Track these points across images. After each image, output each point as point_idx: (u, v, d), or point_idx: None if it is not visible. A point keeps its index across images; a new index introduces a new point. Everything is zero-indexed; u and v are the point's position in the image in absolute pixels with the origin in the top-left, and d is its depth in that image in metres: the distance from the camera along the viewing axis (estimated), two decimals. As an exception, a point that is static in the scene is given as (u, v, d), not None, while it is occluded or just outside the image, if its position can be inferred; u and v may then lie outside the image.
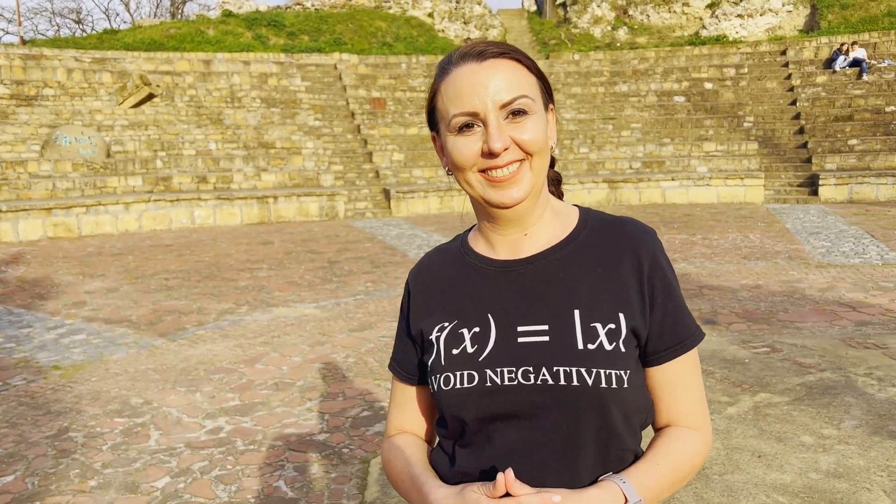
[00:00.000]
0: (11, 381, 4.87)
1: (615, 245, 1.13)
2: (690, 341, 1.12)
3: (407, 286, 1.26)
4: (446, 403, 1.10)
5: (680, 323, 1.11)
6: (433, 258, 1.25)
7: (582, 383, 1.03)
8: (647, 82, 19.98)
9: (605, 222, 1.17)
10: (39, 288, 7.96)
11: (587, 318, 1.06)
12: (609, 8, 25.64)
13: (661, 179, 15.82)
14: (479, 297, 1.13)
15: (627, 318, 1.07)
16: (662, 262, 1.13)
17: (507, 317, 1.10)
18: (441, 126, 1.11)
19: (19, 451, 3.73)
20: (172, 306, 6.95)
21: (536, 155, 1.06)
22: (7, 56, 17.82)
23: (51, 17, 45.94)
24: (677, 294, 1.13)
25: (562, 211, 1.19)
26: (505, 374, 1.05)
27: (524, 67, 1.09)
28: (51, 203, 12.41)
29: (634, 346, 1.08)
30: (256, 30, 23.53)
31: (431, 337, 1.15)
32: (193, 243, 11.26)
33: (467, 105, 1.04)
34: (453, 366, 1.09)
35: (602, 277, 1.10)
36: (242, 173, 15.37)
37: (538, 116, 1.07)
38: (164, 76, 18.35)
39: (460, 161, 1.07)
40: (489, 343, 1.08)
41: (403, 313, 1.25)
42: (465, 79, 1.05)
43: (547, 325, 1.07)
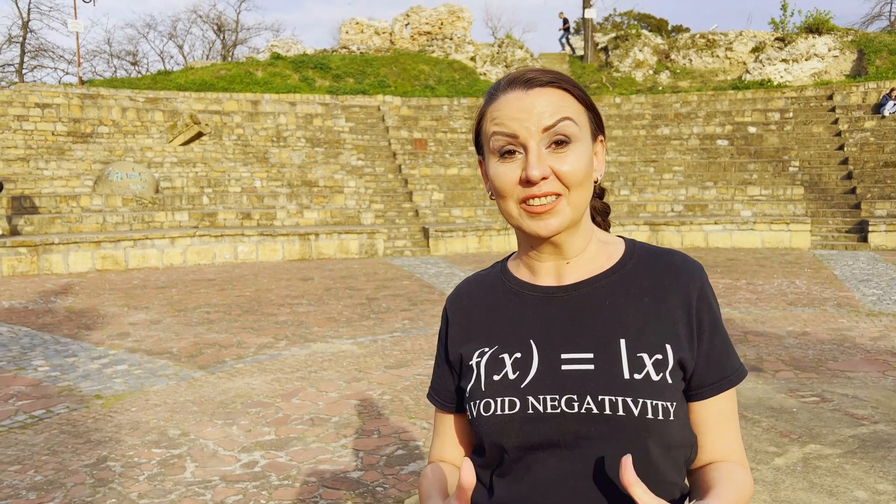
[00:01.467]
0: (55, 408, 4.95)
1: (663, 276, 1.11)
2: (735, 377, 1.10)
3: (445, 313, 1.24)
4: (486, 430, 1.08)
5: (725, 357, 1.10)
6: (472, 284, 1.24)
7: (627, 413, 1.00)
8: (689, 125, 19.88)
9: (652, 253, 1.15)
10: (86, 318, 8.14)
11: (634, 348, 1.04)
12: (651, 52, 25.73)
13: (703, 223, 15.62)
14: (520, 322, 1.11)
15: (675, 350, 1.05)
16: (710, 297, 1.11)
17: (551, 344, 1.07)
18: (485, 149, 1.10)
19: (59, 478, 3.77)
20: (213, 339, 7.03)
21: (575, 189, 1.04)
22: (66, 95, 18.60)
23: (108, 59, 47.95)
24: (723, 329, 1.11)
25: (608, 241, 1.17)
26: (548, 402, 1.03)
27: (572, 97, 1.07)
28: (100, 236, 12.77)
29: (681, 378, 1.06)
30: (303, 72, 24.18)
31: (472, 362, 1.13)
32: (235, 278, 11.43)
33: (508, 127, 1.03)
34: (494, 392, 1.07)
35: (649, 307, 1.08)
36: (285, 210, 15.64)
37: (582, 145, 1.05)
38: (214, 115, 18.92)
39: (501, 188, 1.06)
40: (531, 370, 1.06)
41: (441, 341, 1.23)
42: (510, 104, 1.05)
43: (592, 353, 1.05)
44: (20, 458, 4.06)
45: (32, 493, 3.59)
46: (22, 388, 5.42)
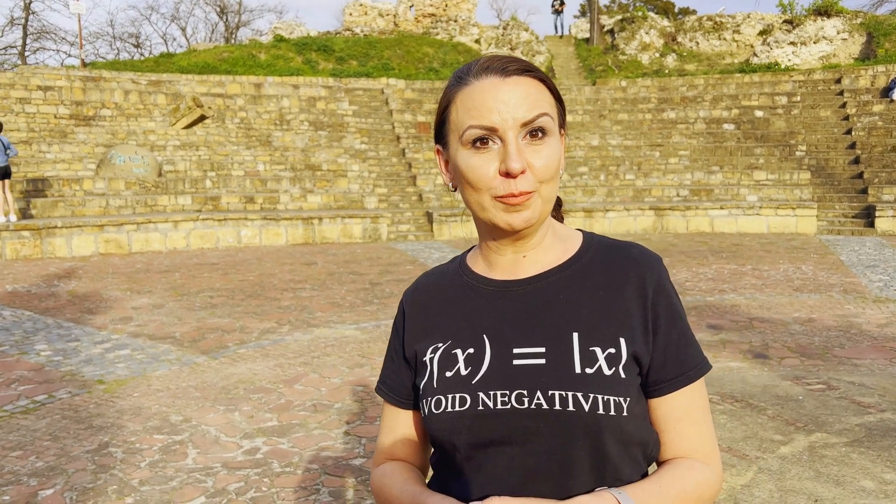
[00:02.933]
0: (56, 393, 4.94)
1: (619, 269, 1.09)
2: (695, 372, 1.06)
3: (401, 306, 1.21)
4: (438, 428, 1.05)
5: (684, 352, 1.06)
6: (430, 278, 1.21)
7: (578, 408, 0.98)
8: (695, 109, 19.72)
9: (609, 247, 1.13)
10: (89, 302, 8.13)
11: (586, 342, 1.02)
12: (657, 35, 25.48)
13: (709, 208, 15.52)
14: (475, 317, 1.09)
15: (629, 344, 1.02)
16: (668, 289, 1.08)
17: (503, 338, 1.05)
18: (451, 138, 1.06)
19: (60, 464, 3.76)
20: (216, 324, 7.01)
21: (546, 183, 1.01)
22: (69, 78, 18.51)
23: (111, 42, 47.77)
24: (683, 322, 1.08)
25: (564, 235, 1.15)
26: (498, 398, 1.01)
27: (546, 88, 1.05)
28: (103, 220, 12.75)
29: (636, 373, 1.03)
30: (307, 54, 24.02)
31: (425, 359, 1.11)
32: (239, 262, 11.41)
33: (486, 119, 0.99)
34: (446, 388, 1.05)
35: (604, 301, 1.06)
36: (289, 194, 15.58)
37: (555, 139, 1.03)
38: (216, 98, 18.81)
39: (475, 181, 1.01)
40: (483, 365, 1.04)
41: (398, 334, 1.20)
42: (486, 93, 1.00)
43: (544, 347, 1.02)
44: (22, 443, 4.05)
45: (34, 479, 3.57)
46: (24, 373, 5.41)
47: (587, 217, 15.42)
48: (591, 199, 16.77)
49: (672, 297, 1.08)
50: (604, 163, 18.11)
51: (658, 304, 1.06)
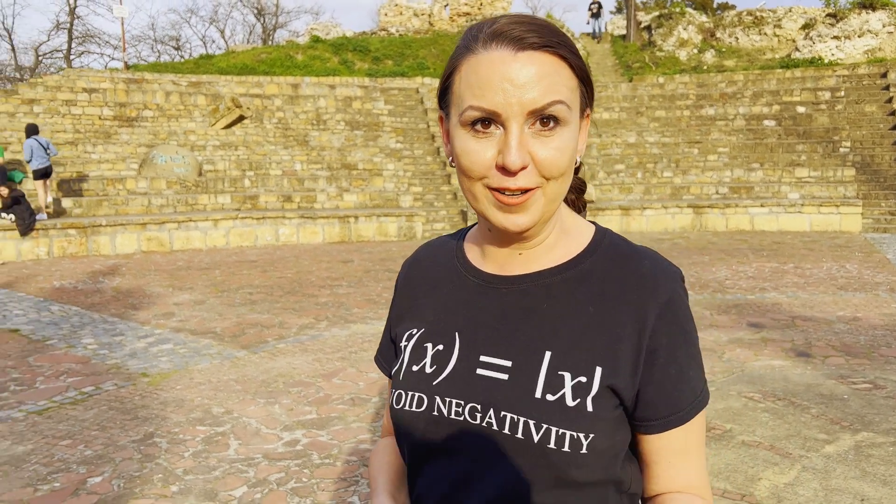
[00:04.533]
0: (103, 385, 5.07)
1: (621, 283, 0.93)
2: (687, 413, 0.92)
3: (398, 277, 1.14)
4: (395, 424, 0.98)
5: (679, 389, 0.91)
6: (429, 251, 1.12)
7: (526, 437, 0.86)
8: (735, 106, 19.38)
9: (619, 252, 0.96)
10: (132, 298, 8.32)
11: (557, 364, 0.89)
12: (696, 31, 25.11)
13: (749, 205, 15.25)
14: (453, 310, 1.00)
15: (605, 374, 0.88)
16: (678, 314, 0.91)
17: (474, 341, 0.95)
18: (451, 111, 0.92)
19: (108, 453, 3.86)
20: (255, 320, 7.12)
21: (554, 180, 0.87)
22: (112, 80, 18.95)
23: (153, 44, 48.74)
24: (685, 355, 0.92)
25: (572, 230, 0.99)
26: (453, 406, 0.92)
27: (568, 67, 0.88)
28: (146, 218, 13.03)
29: (613, 406, 0.89)
30: (343, 55, 24.21)
31: (401, 344, 1.04)
32: (277, 260, 11.56)
33: (488, 101, 0.84)
34: (408, 384, 0.97)
35: (592, 319, 0.91)
36: (325, 193, 15.73)
37: (570, 130, 0.87)
38: (255, 99, 19.08)
39: (469, 168, 0.88)
40: (448, 367, 0.95)
41: (391, 306, 1.14)
42: (492, 68, 0.85)
43: (511, 360, 0.91)
44: (71, 432, 4.16)
45: (83, 467, 3.68)
46: (72, 366, 5.57)
47: (624, 215, 15.27)
48: (627, 196, 16.61)
49: (679, 327, 0.91)
50: (641, 160, 17.92)
51: (659, 334, 0.90)
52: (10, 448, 3.95)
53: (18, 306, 7.90)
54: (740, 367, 5.24)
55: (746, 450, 3.74)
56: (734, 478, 3.41)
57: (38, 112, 16.65)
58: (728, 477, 3.42)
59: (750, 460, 3.61)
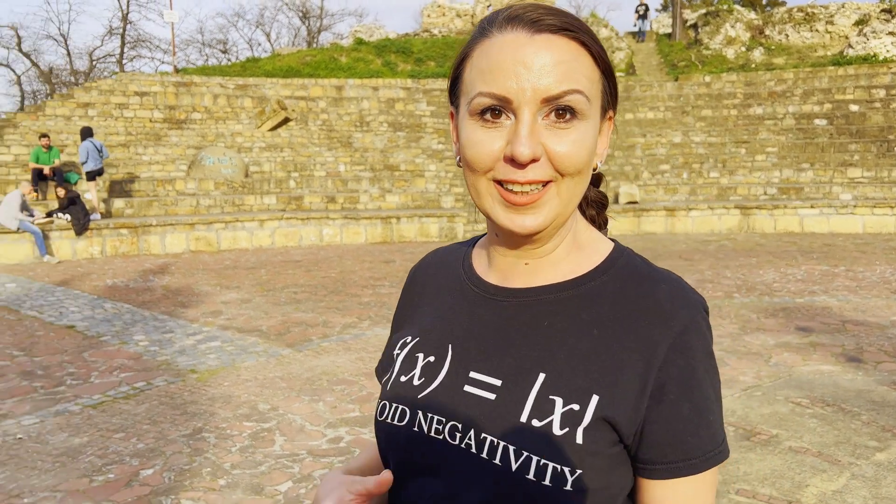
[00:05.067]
0: (154, 381, 5.22)
1: (633, 307, 0.83)
2: (701, 462, 0.80)
3: (406, 281, 1.08)
4: (377, 436, 0.93)
5: (694, 434, 0.80)
6: (437, 257, 1.07)
7: (504, 464, 0.78)
8: (784, 104, 18.94)
9: (635, 273, 0.87)
10: (181, 297, 8.54)
11: (549, 388, 0.80)
12: (744, 28, 24.61)
13: (798, 207, 14.89)
14: (449, 320, 0.93)
15: (602, 404, 0.79)
16: (693, 348, 0.81)
17: (466, 355, 0.88)
18: (461, 102, 0.85)
19: (159, 446, 3.98)
20: (300, 318, 7.25)
21: (570, 177, 0.79)
22: (163, 83, 19.45)
23: (201, 48, 49.82)
24: (702, 395, 0.81)
25: (587, 245, 0.91)
26: (433, 424, 0.85)
27: (589, 55, 0.80)
28: (194, 219, 13.34)
29: (610, 442, 0.79)
30: (386, 56, 24.41)
31: (394, 353, 0.98)
32: (321, 260, 11.73)
33: (499, 86, 0.77)
34: (394, 395, 0.91)
35: (595, 343, 0.82)
36: (368, 194, 15.89)
37: (589, 125, 0.80)
38: (300, 101, 19.37)
39: (473, 159, 0.80)
40: (436, 380, 0.88)
41: (395, 312, 1.08)
42: (505, 51, 0.78)
43: (501, 380, 0.83)
44: (124, 426, 4.31)
45: (136, 460, 3.81)
46: (125, 361, 5.75)
47: (669, 216, 15.07)
48: (673, 197, 16.38)
49: (695, 359, 0.81)
50: (686, 160, 17.65)
51: (670, 367, 0.80)
52: (68, 440, 4.10)
53: (74, 303, 8.18)
54: (788, 372, 5.14)
55: (794, 456, 3.67)
56: (780, 484, 3.36)
57: (93, 115, 17.19)
58: (774, 483, 3.37)
59: (797, 466, 3.54)
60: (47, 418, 4.46)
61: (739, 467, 3.55)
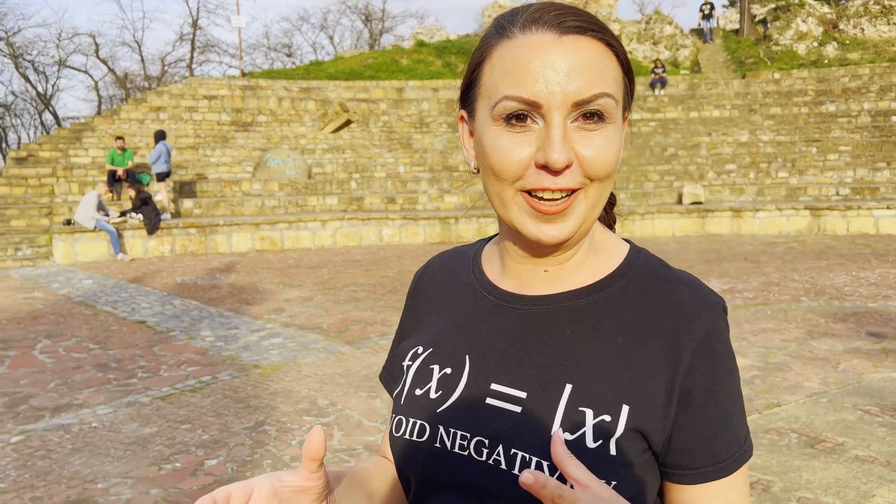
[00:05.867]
0: (219, 375, 5.41)
1: (654, 312, 0.82)
2: (729, 464, 0.80)
3: (409, 288, 1.04)
4: (394, 453, 0.89)
5: (721, 437, 0.80)
6: (442, 261, 1.03)
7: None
8: (859, 101, 18.21)
9: (653, 276, 0.86)
10: (246, 294, 8.80)
11: (578, 399, 0.79)
12: (816, 23, 23.75)
13: (873, 207, 14.29)
14: (464, 329, 0.90)
15: (633, 414, 0.78)
16: (717, 351, 0.81)
17: (485, 366, 0.85)
18: (479, 106, 0.82)
19: (222, 438, 4.13)
20: (359, 317, 7.38)
21: (598, 182, 0.78)
22: (230, 87, 20.04)
23: (266, 52, 51.13)
24: (727, 398, 0.81)
25: (604, 248, 0.89)
26: (457, 440, 0.82)
27: (615, 57, 0.79)
28: (259, 219, 13.72)
29: (641, 450, 0.79)
30: (446, 58, 24.54)
31: (403, 364, 0.94)
32: (380, 259, 11.89)
33: (528, 90, 0.74)
34: (410, 409, 0.88)
35: (620, 350, 0.81)
36: (427, 195, 16.02)
37: (615, 128, 0.78)
38: (361, 103, 19.67)
39: (501, 167, 0.77)
40: (454, 393, 0.85)
41: (401, 318, 1.05)
42: (532, 53, 0.75)
43: (526, 392, 0.81)
44: (190, 417, 4.48)
45: (201, 450, 3.96)
46: (192, 356, 5.97)
47: (735, 217, 14.68)
48: (739, 198, 15.95)
49: (720, 364, 0.81)
50: (754, 160, 17.15)
51: (696, 373, 0.79)
52: (138, 430, 4.30)
53: (145, 300, 8.53)
54: (856, 379, 4.96)
55: (860, 465, 3.55)
56: (845, 493, 3.26)
57: (164, 118, 17.86)
58: (838, 492, 3.27)
59: (863, 476, 3.43)
60: (120, 408, 4.68)
61: (802, 475, 3.46)
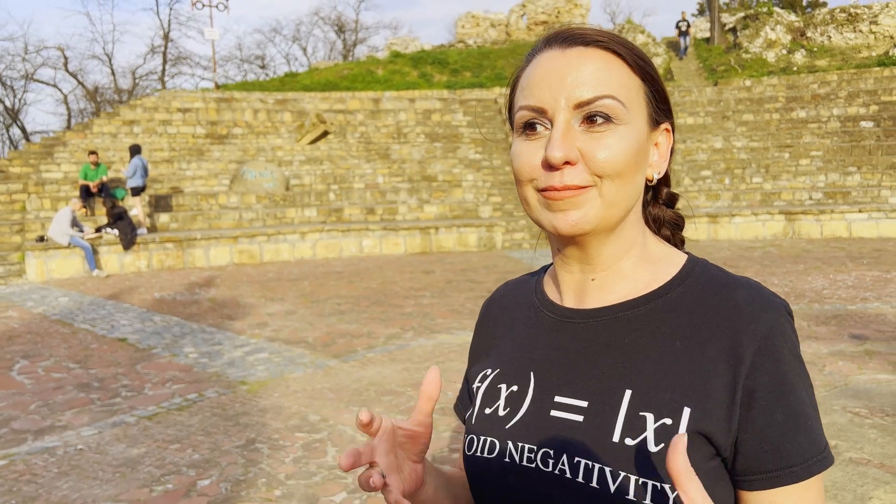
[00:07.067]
0: (206, 393, 5.32)
1: (713, 314, 0.82)
2: (803, 469, 0.77)
3: (479, 316, 1.09)
4: (468, 471, 0.92)
5: (790, 440, 0.77)
6: (509, 289, 1.07)
7: (602, 487, 0.78)
8: (828, 107, 18.56)
9: (712, 282, 0.86)
10: (227, 309, 8.68)
11: (638, 404, 0.80)
12: (784, 31, 24.21)
13: (846, 211, 14.54)
14: (529, 348, 0.93)
15: (695, 417, 0.77)
16: (781, 351, 0.79)
17: (549, 380, 0.88)
18: (513, 124, 0.89)
19: (214, 457, 4.05)
20: (344, 330, 7.31)
21: (611, 179, 0.80)
22: (204, 100, 19.87)
23: (239, 64, 50.80)
24: (796, 399, 0.78)
25: (659, 258, 0.90)
26: (525, 452, 0.85)
27: (624, 63, 0.83)
28: (237, 232, 13.57)
29: (707, 456, 0.78)
30: (422, 68, 24.58)
31: (474, 386, 0.97)
32: (362, 271, 11.82)
33: (535, 98, 0.82)
34: (481, 428, 0.91)
35: (679, 355, 0.81)
36: (406, 205, 15.99)
37: (628, 130, 0.81)
38: (338, 114, 19.61)
39: (517, 170, 0.85)
40: (521, 409, 0.88)
41: (471, 347, 1.09)
42: (540, 68, 0.83)
43: (587, 401, 0.83)
44: (179, 437, 4.39)
45: (192, 470, 3.88)
46: (176, 373, 5.86)
47: (711, 223, 14.85)
48: (715, 203, 16.14)
49: (784, 363, 0.79)
50: (728, 166, 17.39)
51: (758, 373, 0.78)
52: (126, 451, 4.20)
53: (124, 317, 8.38)
54: (843, 381, 5.02)
55: (855, 467, 3.58)
56: (842, 496, 3.28)
57: (138, 132, 17.64)
58: (836, 496, 3.29)
59: (859, 478, 3.46)
60: (105, 429, 4.58)
61: None
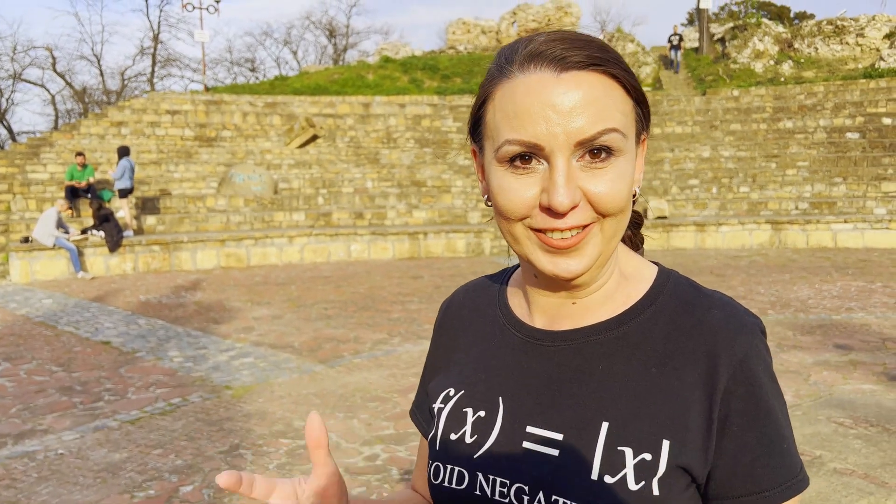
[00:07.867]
0: (190, 397, 5.27)
1: (688, 338, 0.78)
2: (776, 494, 0.75)
3: (435, 322, 1.02)
4: (435, 500, 0.87)
5: (763, 463, 0.75)
6: (467, 296, 1.00)
7: None
8: (815, 118, 18.73)
9: (683, 300, 0.82)
10: (213, 312, 8.62)
11: (616, 438, 0.76)
12: (772, 42, 24.43)
13: (831, 221, 14.66)
14: (496, 370, 0.87)
15: (674, 450, 0.74)
16: (756, 373, 0.76)
17: (520, 408, 0.83)
18: (486, 145, 0.80)
19: (197, 463, 4.01)
20: (331, 334, 7.28)
21: (612, 216, 0.75)
22: (193, 102, 19.78)
23: (229, 67, 50.64)
24: (772, 423, 0.76)
25: (632, 274, 0.85)
26: (497, 486, 0.80)
27: (620, 87, 0.76)
28: (224, 235, 13.50)
29: (685, 486, 0.75)
30: (412, 74, 24.60)
31: (435, 406, 0.91)
32: (350, 275, 11.79)
33: (528, 132, 0.72)
34: (447, 456, 0.86)
35: (655, 382, 0.77)
36: (395, 210, 15.97)
37: (626, 160, 0.76)
38: (327, 118, 19.58)
39: (506, 208, 0.76)
40: (490, 437, 0.83)
41: (428, 352, 1.02)
42: (531, 94, 0.73)
43: (562, 434, 0.78)
44: (162, 442, 4.35)
45: (175, 476, 3.84)
46: (160, 377, 5.81)
47: (699, 231, 14.92)
48: (702, 212, 16.23)
49: (760, 387, 0.76)
50: (716, 175, 17.50)
51: (733, 398, 0.75)
52: (108, 455, 4.15)
53: (109, 319, 8.30)
54: (828, 391, 5.05)
55: (839, 478, 3.59)
56: (827, 507, 3.28)
57: (126, 134, 17.53)
58: (820, 506, 3.30)
59: (843, 489, 3.46)
60: (87, 434, 4.53)
61: None
